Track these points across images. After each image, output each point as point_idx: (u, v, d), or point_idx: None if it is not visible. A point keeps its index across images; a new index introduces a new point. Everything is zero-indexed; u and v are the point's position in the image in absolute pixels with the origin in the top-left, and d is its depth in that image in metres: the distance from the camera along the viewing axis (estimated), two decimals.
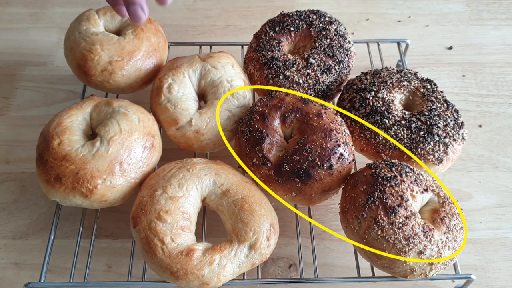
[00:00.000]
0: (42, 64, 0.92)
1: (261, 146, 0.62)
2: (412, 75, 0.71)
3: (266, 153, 0.61)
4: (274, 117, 0.63)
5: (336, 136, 0.61)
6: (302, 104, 0.63)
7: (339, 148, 0.60)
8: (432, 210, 0.58)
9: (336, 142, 0.60)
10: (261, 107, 0.65)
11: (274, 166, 0.61)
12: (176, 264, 0.55)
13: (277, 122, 0.64)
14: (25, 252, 0.70)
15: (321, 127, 0.61)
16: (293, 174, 0.60)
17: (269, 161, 0.61)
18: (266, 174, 0.62)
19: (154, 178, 0.62)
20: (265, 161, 0.61)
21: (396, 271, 0.56)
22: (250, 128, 0.63)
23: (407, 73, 0.71)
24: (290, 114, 0.63)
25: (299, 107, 0.63)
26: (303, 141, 0.61)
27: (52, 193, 0.62)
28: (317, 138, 0.60)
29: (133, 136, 0.64)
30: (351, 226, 0.57)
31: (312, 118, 0.62)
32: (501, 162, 0.79)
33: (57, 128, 0.64)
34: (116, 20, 0.77)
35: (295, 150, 0.60)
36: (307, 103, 0.64)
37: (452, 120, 0.65)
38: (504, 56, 0.93)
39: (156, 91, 0.71)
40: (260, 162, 0.62)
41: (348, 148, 0.61)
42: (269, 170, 0.61)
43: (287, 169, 0.60)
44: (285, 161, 0.60)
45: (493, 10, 1.00)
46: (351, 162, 0.62)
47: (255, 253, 0.57)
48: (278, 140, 0.63)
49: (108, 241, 0.71)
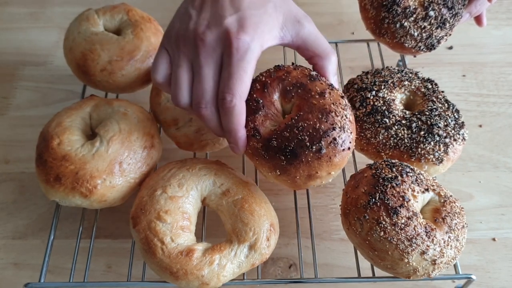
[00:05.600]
0: (42, 64, 0.92)
1: (254, 117, 0.58)
2: (413, 74, 0.70)
3: (258, 124, 0.57)
4: (274, 89, 0.59)
5: (334, 119, 0.56)
6: (308, 80, 0.59)
7: (333, 132, 0.55)
8: (433, 210, 0.58)
9: (332, 125, 0.56)
10: (264, 77, 0.60)
11: (262, 140, 0.57)
12: (176, 264, 0.55)
13: (277, 95, 0.59)
14: (25, 252, 0.70)
15: (320, 107, 0.57)
16: (279, 151, 0.56)
17: (258, 134, 0.57)
18: (255, 147, 0.58)
19: (154, 178, 0.62)
20: (255, 133, 0.57)
21: (399, 271, 0.56)
22: (248, 96, 0.58)
23: (408, 72, 0.71)
24: (292, 88, 0.58)
25: (303, 82, 0.58)
26: (297, 118, 0.56)
27: (52, 193, 0.62)
28: (312, 117, 0.56)
29: (132, 136, 0.64)
30: (353, 228, 0.57)
31: (313, 96, 0.57)
32: (502, 162, 0.79)
33: (57, 128, 0.64)
34: (116, 19, 0.76)
35: (286, 126, 0.56)
36: (313, 80, 0.59)
37: (452, 120, 0.65)
38: (504, 56, 0.93)
39: (156, 91, 0.70)
40: (250, 133, 0.57)
41: (345, 135, 0.56)
42: (257, 142, 0.57)
43: (274, 144, 0.56)
44: (275, 136, 0.56)
45: (493, 10, 1.00)
46: (345, 150, 0.57)
47: (255, 253, 0.57)
48: (274, 113, 0.58)
49: (108, 241, 0.71)
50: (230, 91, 0.53)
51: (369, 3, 0.73)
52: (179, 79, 0.55)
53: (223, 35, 0.53)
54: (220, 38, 0.53)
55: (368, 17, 0.74)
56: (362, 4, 0.75)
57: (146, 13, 0.78)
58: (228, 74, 0.53)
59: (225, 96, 0.53)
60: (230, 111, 0.54)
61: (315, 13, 1.00)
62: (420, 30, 0.70)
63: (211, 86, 0.55)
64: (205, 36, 0.53)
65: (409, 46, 0.72)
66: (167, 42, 0.57)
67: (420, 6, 0.70)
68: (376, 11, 0.72)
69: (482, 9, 0.75)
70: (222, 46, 0.54)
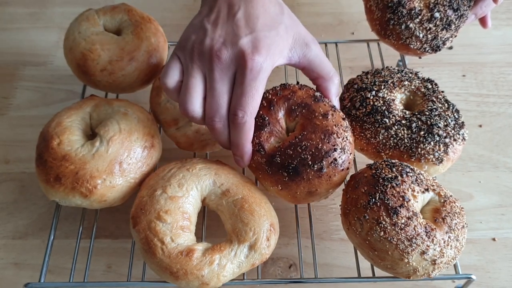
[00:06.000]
0: (42, 64, 0.92)
1: (259, 133, 0.61)
2: (413, 74, 0.70)
3: (263, 140, 0.61)
4: (280, 107, 0.63)
5: (335, 140, 0.60)
6: (312, 101, 0.62)
7: (334, 153, 0.59)
8: (433, 210, 0.58)
9: (333, 146, 0.59)
10: (271, 95, 0.63)
11: (267, 155, 0.60)
12: (176, 264, 0.55)
13: (282, 114, 0.63)
14: (25, 252, 0.70)
15: (323, 128, 0.60)
16: (282, 167, 0.59)
17: (263, 149, 0.61)
18: (259, 162, 0.61)
19: (154, 178, 0.62)
20: (260, 148, 0.61)
21: (399, 271, 0.56)
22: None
23: (408, 72, 0.71)
24: (297, 108, 0.62)
25: (307, 103, 0.62)
26: (301, 138, 0.60)
27: (52, 193, 0.62)
28: (315, 137, 0.60)
29: (132, 136, 0.64)
30: (353, 228, 0.57)
31: (316, 117, 0.61)
32: (502, 162, 0.79)
33: (57, 128, 0.64)
34: (116, 20, 0.76)
35: (290, 144, 0.60)
36: (317, 101, 0.62)
37: (452, 120, 0.65)
38: (504, 56, 0.93)
39: (156, 91, 0.70)
40: (255, 148, 0.61)
41: (345, 156, 0.60)
42: (261, 158, 0.61)
43: (278, 161, 0.60)
44: (279, 153, 0.60)
45: (493, 10, 0.98)
46: (344, 169, 0.61)
47: (255, 253, 0.57)
48: (279, 130, 0.62)
49: (108, 241, 0.71)
50: (243, 108, 0.56)
51: (374, 5, 0.73)
52: (191, 88, 0.57)
53: (238, 54, 0.56)
54: (236, 57, 0.56)
55: (373, 18, 0.74)
56: (368, 5, 0.75)
57: (146, 13, 0.78)
58: (241, 92, 0.56)
59: (237, 112, 0.57)
60: (241, 127, 0.57)
61: (315, 13, 1.00)
62: (425, 32, 0.70)
63: (225, 101, 0.57)
64: (221, 53, 0.56)
65: (415, 47, 0.72)
66: (181, 52, 0.59)
67: (426, 8, 0.71)
68: (382, 13, 0.72)
69: (487, 10, 0.75)
70: (237, 64, 0.56)
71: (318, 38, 0.95)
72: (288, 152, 0.59)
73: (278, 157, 0.60)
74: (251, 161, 0.62)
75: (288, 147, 0.60)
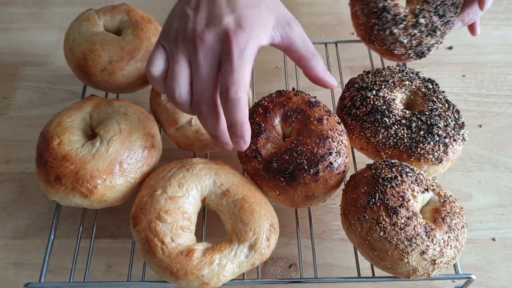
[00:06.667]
0: (42, 64, 0.92)
1: (256, 139, 0.62)
2: (414, 74, 0.71)
3: (260, 147, 0.62)
4: (276, 114, 0.64)
5: (330, 144, 0.60)
6: (307, 107, 0.64)
7: (330, 157, 0.60)
8: (433, 210, 0.58)
9: (329, 150, 0.60)
10: (266, 102, 0.65)
11: (264, 161, 0.61)
12: (176, 264, 0.55)
13: (278, 120, 0.64)
14: (25, 252, 0.70)
15: (318, 132, 0.61)
16: (279, 172, 0.60)
17: (260, 155, 0.62)
18: (256, 168, 0.62)
19: (154, 178, 0.62)
20: (257, 155, 0.62)
21: (399, 271, 0.56)
22: (251, 120, 0.63)
23: (408, 72, 0.71)
24: (293, 114, 0.63)
25: (303, 108, 0.63)
26: (297, 143, 0.61)
27: (52, 193, 0.62)
28: (310, 142, 0.60)
29: (133, 136, 0.64)
30: (353, 228, 0.57)
31: (312, 122, 0.62)
32: (501, 162, 0.79)
33: (57, 128, 0.64)
34: (116, 20, 0.76)
35: (287, 149, 0.61)
36: (312, 106, 0.64)
37: (452, 120, 0.65)
38: (504, 56, 0.93)
39: (156, 91, 0.70)
40: (252, 155, 0.62)
41: (341, 159, 0.61)
42: (259, 164, 0.62)
43: (275, 166, 0.60)
44: (275, 159, 0.61)
45: (493, 10, 1.00)
46: (340, 173, 0.61)
47: (255, 253, 0.57)
48: (275, 136, 0.63)
49: (108, 241, 0.71)
50: (235, 83, 0.53)
51: (360, 10, 0.73)
52: (177, 74, 0.56)
53: (222, 34, 0.54)
54: (219, 37, 0.54)
55: (358, 23, 0.74)
56: (353, 10, 0.75)
57: (146, 13, 0.78)
58: (230, 68, 0.53)
59: (229, 88, 0.53)
60: (237, 103, 0.54)
61: (314, 13, 1.01)
62: (409, 37, 0.70)
63: (212, 84, 0.55)
64: (204, 36, 0.54)
65: (399, 53, 0.72)
66: (164, 40, 0.58)
67: (411, 14, 0.70)
68: (367, 18, 0.72)
69: (475, 17, 0.74)
70: (221, 45, 0.54)
71: (318, 38, 0.96)
72: (285, 157, 0.60)
73: (275, 163, 0.60)
74: (248, 166, 0.62)
75: (285, 153, 0.60)
